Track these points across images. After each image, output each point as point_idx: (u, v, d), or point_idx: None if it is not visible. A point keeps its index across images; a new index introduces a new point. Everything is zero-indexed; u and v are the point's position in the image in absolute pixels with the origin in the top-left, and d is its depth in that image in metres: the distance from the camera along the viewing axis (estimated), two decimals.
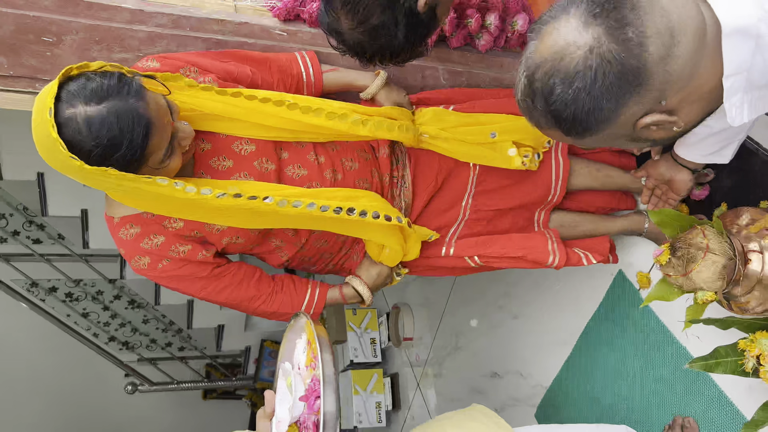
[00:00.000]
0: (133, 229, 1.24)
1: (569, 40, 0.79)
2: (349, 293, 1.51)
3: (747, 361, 1.12)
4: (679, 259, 1.26)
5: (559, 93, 0.81)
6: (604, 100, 0.80)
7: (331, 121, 1.31)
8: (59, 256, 3.98)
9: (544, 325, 2.17)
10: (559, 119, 0.84)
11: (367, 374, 3.23)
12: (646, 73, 0.79)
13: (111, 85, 1.03)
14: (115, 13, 1.30)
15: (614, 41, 0.77)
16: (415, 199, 1.53)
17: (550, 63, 0.81)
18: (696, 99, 0.84)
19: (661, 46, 0.78)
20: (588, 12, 0.79)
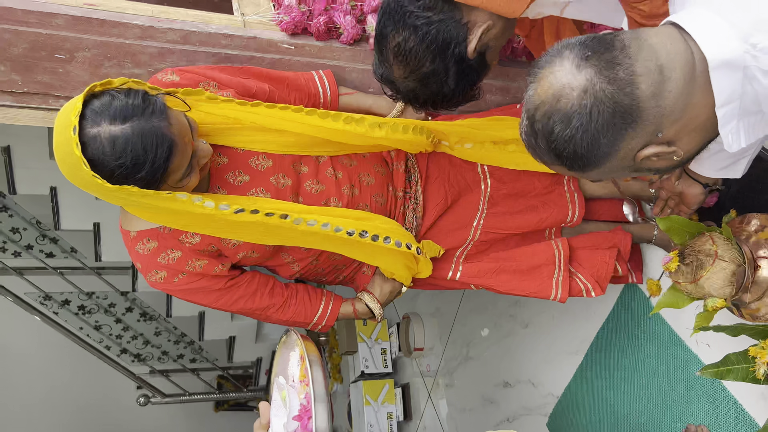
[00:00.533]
0: (150, 243, 1.25)
1: (564, 82, 0.84)
2: (361, 309, 1.52)
3: (758, 367, 1.12)
4: (688, 266, 1.25)
5: (558, 132, 0.86)
6: (601, 137, 0.85)
7: (349, 125, 1.33)
8: (72, 269, 4.03)
9: (555, 334, 2.17)
10: (560, 156, 0.89)
11: (379, 385, 3.23)
12: (639, 110, 0.83)
13: (136, 104, 1.04)
14: (126, 30, 1.32)
15: (606, 81, 0.82)
16: (424, 216, 1.54)
17: (548, 104, 0.86)
18: (693, 129, 0.88)
19: (651, 83, 0.82)
20: (580, 55, 0.84)
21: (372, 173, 1.46)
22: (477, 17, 1.11)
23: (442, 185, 1.56)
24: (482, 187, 1.59)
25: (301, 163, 1.36)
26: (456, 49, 1.13)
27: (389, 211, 1.49)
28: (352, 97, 1.51)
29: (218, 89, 1.29)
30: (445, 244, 1.57)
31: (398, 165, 1.52)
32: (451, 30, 1.10)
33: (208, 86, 1.29)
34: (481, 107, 1.65)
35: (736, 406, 1.46)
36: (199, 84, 1.28)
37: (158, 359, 4.85)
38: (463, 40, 1.13)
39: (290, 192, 1.33)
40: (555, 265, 1.56)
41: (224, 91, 1.29)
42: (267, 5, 1.53)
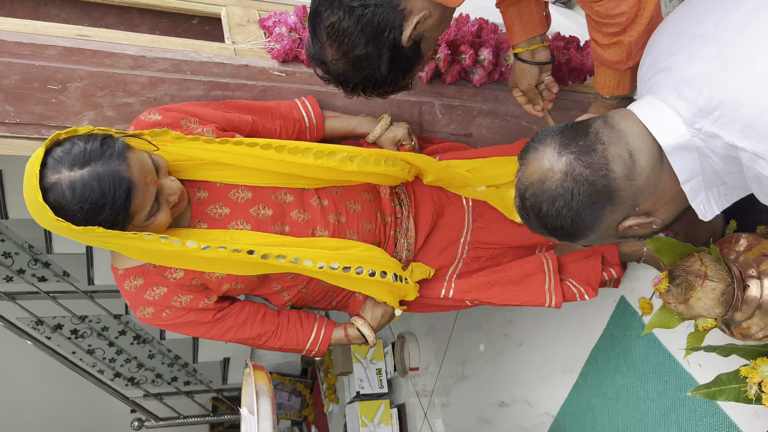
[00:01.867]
0: (136, 280, 1.27)
1: (547, 166, 0.95)
2: (354, 334, 1.53)
3: (749, 388, 1.12)
4: (678, 287, 1.26)
5: (546, 210, 0.97)
6: (583, 213, 0.95)
7: (319, 159, 1.33)
8: (64, 293, 4.00)
9: (550, 353, 2.17)
10: (550, 229, 1.00)
11: (374, 405, 3.21)
12: (614, 190, 0.93)
13: (93, 149, 1.08)
14: (118, 60, 1.33)
15: (583, 166, 0.93)
16: (416, 240, 1.55)
17: (535, 186, 0.97)
18: (668, 200, 0.98)
19: (623, 166, 0.92)
20: (560, 142, 0.95)
21: (359, 201, 1.46)
22: (414, 5, 1.10)
23: (427, 205, 1.57)
24: (464, 202, 1.60)
25: (286, 192, 1.36)
26: (390, 35, 1.11)
27: (378, 238, 1.49)
28: (337, 120, 1.52)
29: (200, 125, 1.31)
30: (435, 263, 1.58)
31: (384, 190, 1.53)
32: (387, 15, 1.08)
33: (190, 123, 1.30)
34: (471, 131, 1.67)
35: (730, 424, 1.47)
36: (181, 121, 1.30)
37: (152, 382, 4.81)
38: (398, 26, 1.11)
39: (271, 222, 1.33)
40: (544, 273, 1.58)
41: (206, 126, 1.31)
42: (258, 33, 1.55)
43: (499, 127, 1.67)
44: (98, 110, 1.37)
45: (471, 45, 1.54)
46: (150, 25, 1.74)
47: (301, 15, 1.47)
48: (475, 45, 1.55)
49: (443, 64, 1.52)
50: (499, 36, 1.58)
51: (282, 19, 1.46)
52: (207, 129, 1.31)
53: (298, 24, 1.45)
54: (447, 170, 1.50)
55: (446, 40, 1.51)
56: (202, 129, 1.30)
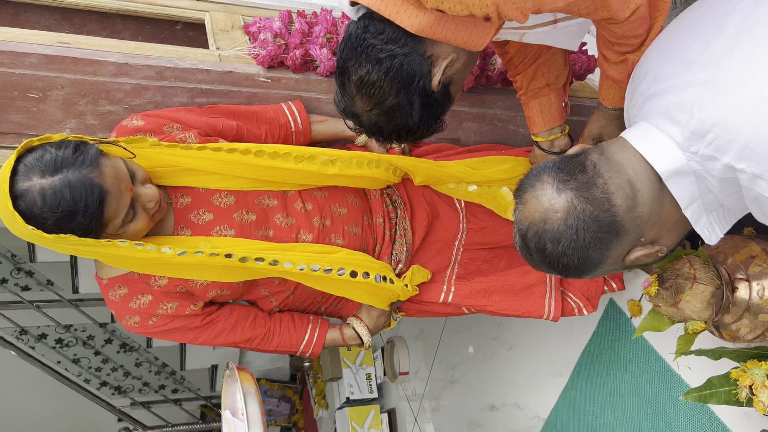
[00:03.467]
0: (120, 290, 1.25)
1: (547, 205, 0.92)
2: (350, 334, 1.52)
3: (740, 390, 1.12)
4: (667, 290, 1.27)
5: (550, 250, 0.94)
6: (590, 251, 0.93)
7: (300, 163, 1.32)
8: (48, 302, 3.94)
9: (539, 356, 2.17)
10: (555, 268, 0.97)
11: (364, 411, 3.20)
12: (619, 223, 0.91)
13: (65, 156, 1.06)
14: (101, 68, 1.31)
15: (586, 202, 0.90)
16: (414, 241, 1.54)
17: (536, 226, 0.94)
18: (671, 227, 0.97)
19: (625, 198, 0.90)
20: (558, 179, 0.92)
21: (344, 204, 1.45)
22: (441, 50, 1.10)
23: (421, 206, 1.57)
24: (457, 204, 1.59)
25: (269, 197, 1.35)
26: (420, 83, 1.11)
27: (365, 241, 1.48)
28: (324, 125, 1.51)
29: (182, 130, 1.29)
30: (431, 266, 1.57)
31: (374, 193, 1.52)
32: (415, 63, 1.09)
33: (172, 129, 1.29)
34: (459, 135, 1.66)
35: (721, 426, 1.47)
36: (163, 127, 1.28)
37: (139, 391, 4.76)
38: (427, 73, 1.11)
39: (255, 227, 1.32)
40: (546, 285, 1.57)
41: (188, 132, 1.29)
42: (242, 39, 1.54)
43: (486, 131, 1.67)
44: (80, 118, 1.35)
45: None
46: (133, 31, 1.72)
47: (285, 20, 1.46)
48: None
49: None
50: None
51: (267, 24, 1.45)
52: (189, 135, 1.29)
53: (283, 29, 1.43)
54: (436, 170, 1.49)
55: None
56: (184, 135, 1.29)
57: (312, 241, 1.37)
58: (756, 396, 1.09)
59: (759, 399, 1.08)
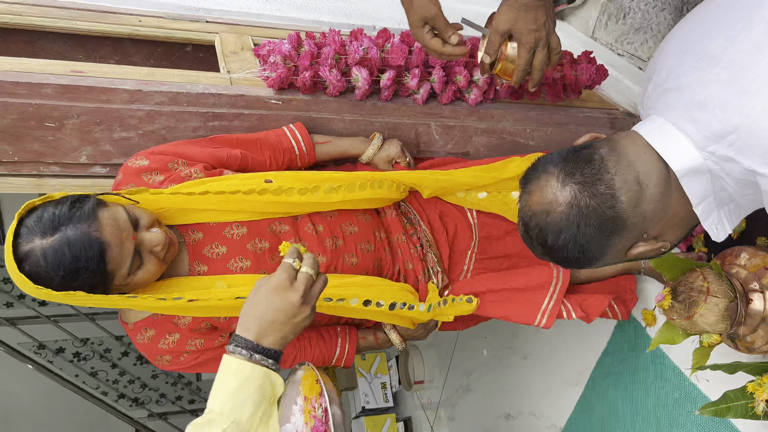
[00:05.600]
0: (148, 332, 1.26)
1: (550, 198, 0.92)
2: (383, 338, 1.55)
3: (757, 404, 1.12)
4: (681, 303, 1.27)
5: (551, 241, 0.93)
6: (590, 245, 0.92)
7: (304, 196, 1.33)
8: (65, 316, 3.99)
9: (554, 365, 2.17)
10: (556, 259, 0.98)
11: (380, 420, 3.21)
12: (622, 219, 0.90)
13: (62, 213, 1.07)
14: (115, 95, 1.33)
15: (589, 196, 0.89)
16: (441, 253, 1.55)
17: (538, 217, 0.93)
18: (676, 223, 0.95)
19: (631, 195, 0.89)
20: (564, 171, 0.91)
21: (355, 222, 1.45)
22: None
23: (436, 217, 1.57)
24: (468, 214, 1.60)
25: (280, 222, 1.36)
26: None
27: (379, 256, 1.48)
28: (329, 145, 1.51)
29: (187, 165, 1.30)
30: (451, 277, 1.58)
31: (389, 211, 1.53)
32: None
33: (177, 165, 1.30)
34: (468, 149, 1.67)
35: None
36: (168, 164, 1.29)
37: (156, 402, 4.80)
38: None
39: (269, 254, 1.32)
40: (548, 292, 1.54)
41: (193, 167, 1.30)
42: (252, 60, 1.56)
43: (495, 145, 1.67)
44: (96, 146, 1.37)
45: (465, 66, 1.55)
46: (144, 54, 1.75)
47: (294, 42, 1.47)
48: (469, 65, 1.56)
49: (438, 86, 1.53)
50: None
51: (276, 47, 1.46)
52: (195, 170, 1.30)
53: (292, 51, 1.45)
54: (444, 180, 1.49)
55: (441, 62, 1.51)
56: (189, 170, 1.29)
57: (326, 262, 1.38)
58: None
59: None
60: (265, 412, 0.92)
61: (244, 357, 0.92)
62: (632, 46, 2.17)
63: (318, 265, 1.00)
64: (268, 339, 0.94)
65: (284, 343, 0.95)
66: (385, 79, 1.47)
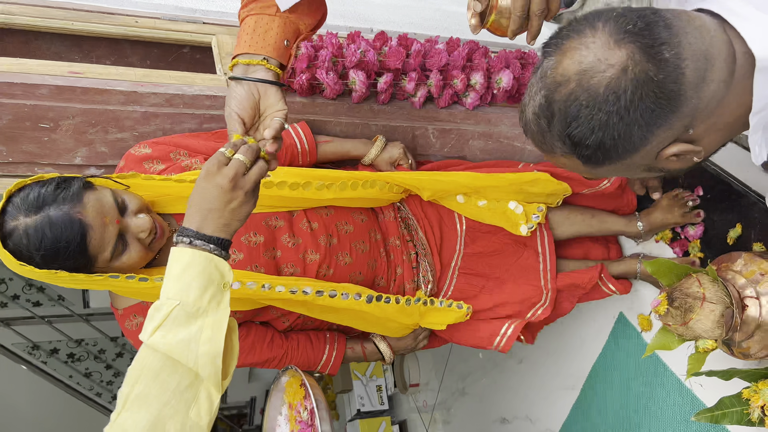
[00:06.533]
0: (136, 319, 1.26)
1: (599, 56, 0.72)
2: (371, 349, 1.53)
3: (752, 411, 1.12)
4: (677, 309, 1.26)
5: (585, 117, 0.74)
6: (636, 127, 0.73)
7: (295, 191, 1.33)
8: (60, 317, 3.98)
9: (550, 369, 2.16)
10: (579, 145, 0.77)
11: (375, 423, 3.20)
12: (681, 99, 0.72)
13: (47, 193, 1.08)
14: (110, 96, 1.33)
15: (651, 61, 0.70)
16: (435, 263, 1.54)
17: (575, 82, 0.73)
18: (719, 128, 0.79)
19: (695, 69, 0.72)
20: (619, 28, 0.72)
21: (350, 221, 1.45)
22: None
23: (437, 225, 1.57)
24: (458, 226, 1.59)
25: (276, 218, 1.36)
26: None
27: (374, 257, 1.48)
28: (330, 145, 1.52)
29: (189, 156, 1.31)
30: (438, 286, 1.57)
31: (387, 213, 1.53)
32: None
33: (179, 155, 1.31)
34: (465, 153, 1.67)
35: None
36: (170, 154, 1.30)
37: None
38: None
39: (263, 249, 1.32)
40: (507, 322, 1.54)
41: (195, 157, 1.31)
42: None
43: (492, 148, 1.67)
44: (91, 147, 1.36)
45: (463, 69, 1.55)
46: (141, 55, 1.74)
47: None
48: (466, 69, 1.56)
49: (436, 89, 1.52)
50: (490, 59, 1.58)
51: None
52: (195, 161, 1.31)
53: None
54: (442, 182, 1.48)
55: (438, 65, 1.51)
56: (190, 161, 1.30)
57: (319, 260, 1.37)
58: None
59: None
60: (213, 296, 0.89)
61: (184, 244, 0.90)
62: None
63: (257, 155, 0.96)
64: (209, 227, 0.91)
65: (228, 231, 0.94)
66: (382, 83, 1.47)
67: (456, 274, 1.57)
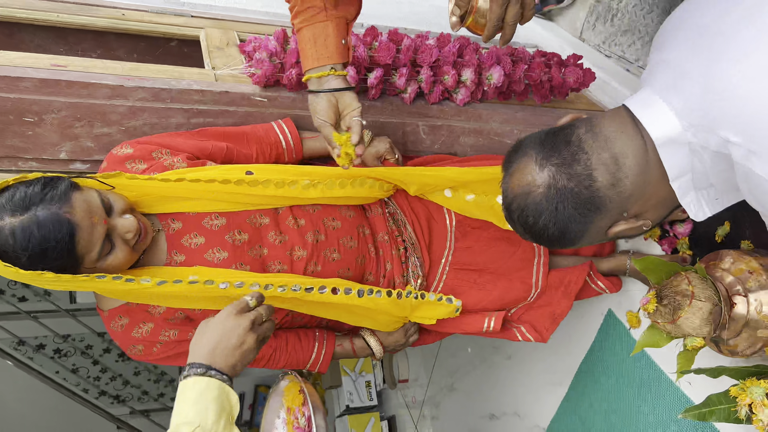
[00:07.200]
0: (121, 320, 1.25)
1: (529, 180, 0.94)
2: (360, 345, 1.52)
3: (740, 408, 1.13)
4: (666, 307, 1.27)
5: (532, 222, 0.97)
6: (570, 224, 0.94)
7: (280, 189, 1.32)
8: (46, 312, 3.94)
9: (539, 365, 2.17)
10: (539, 239, 1.00)
11: (364, 419, 3.20)
12: (599, 199, 0.92)
13: (34, 193, 1.06)
14: (96, 90, 1.30)
15: (567, 177, 0.91)
16: (424, 258, 1.53)
17: (519, 198, 0.96)
18: (657, 202, 0.96)
19: (607, 173, 0.90)
20: (542, 154, 0.93)
21: (338, 217, 1.44)
22: None
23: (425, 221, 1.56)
24: (447, 221, 1.58)
25: (261, 215, 1.35)
26: None
27: (362, 253, 1.47)
28: (317, 141, 1.50)
29: (171, 155, 1.29)
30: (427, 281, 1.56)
31: (374, 209, 1.52)
32: None
33: (161, 154, 1.29)
34: (456, 150, 1.66)
35: None
36: (152, 153, 1.29)
37: (138, 399, 4.75)
38: None
39: (248, 247, 1.31)
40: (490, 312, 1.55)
41: (176, 156, 1.29)
42: (238, 57, 1.53)
43: (483, 145, 1.67)
44: (76, 141, 1.34)
45: (453, 65, 1.54)
46: (127, 48, 1.72)
47: (281, 39, 1.45)
48: (457, 65, 1.55)
49: (426, 85, 1.51)
50: (481, 56, 1.57)
51: (262, 44, 1.44)
52: (178, 159, 1.29)
53: (278, 48, 1.43)
54: (429, 176, 1.47)
55: (429, 61, 1.50)
56: (172, 160, 1.29)
57: (306, 257, 1.36)
58: (755, 414, 1.09)
59: (758, 417, 1.09)
60: (227, 424, 0.92)
61: (198, 375, 0.95)
62: (620, 47, 2.17)
63: (271, 314, 1.08)
64: (219, 363, 0.97)
65: (234, 372, 0.98)
66: (372, 78, 1.46)
67: (447, 269, 1.56)
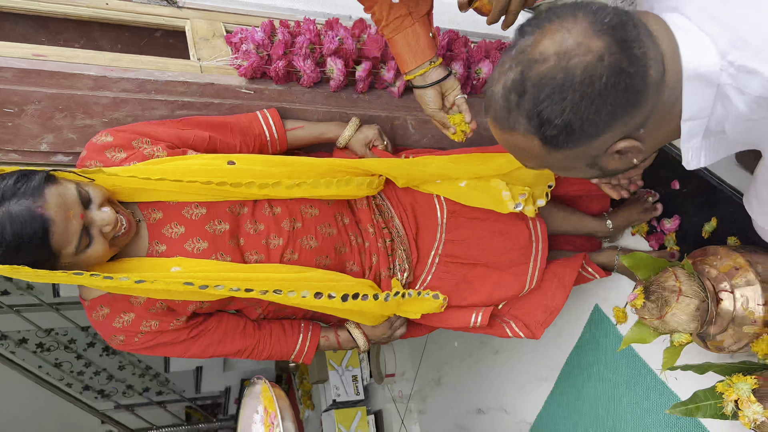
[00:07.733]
0: (103, 310, 1.24)
1: (579, 41, 0.74)
2: (345, 337, 1.51)
3: (726, 404, 1.13)
4: (653, 303, 1.27)
5: (558, 96, 0.75)
6: (603, 113, 0.76)
7: (264, 190, 1.30)
8: (29, 306, 3.89)
9: (526, 360, 2.17)
10: (546, 123, 0.78)
11: (351, 413, 3.19)
12: (645, 95, 0.76)
13: (7, 187, 1.05)
14: (78, 81, 1.28)
15: (624, 54, 0.74)
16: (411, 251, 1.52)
17: (553, 62, 0.75)
18: (663, 131, 0.83)
19: (657, 71, 0.76)
20: (599, 20, 0.75)
21: (315, 205, 1.42)
22: None
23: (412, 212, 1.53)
24: (438, 213, 1.54)
25: (240, 205, 1.33)
26: None
27: (342, 240, 1.44)
28: (302, 130, 1.48)
29: (151, 144, 1.27)
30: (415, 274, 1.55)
31: (360, 201, 1.49)
32: None
33: (141, 143, 1.27)
34: (445, 144, 1.65)
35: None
36: (132, 142, 1.27)
37: (123, 394, 4.72)
38: None
39: (229, 236, 1.30)
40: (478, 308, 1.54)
41: (156, 145, 1.27)
42: (224, 48, 1.51)
43: (472, 140, 1.64)
44: (58, 133, 1.31)
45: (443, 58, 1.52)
46: (111, 38, 1.68)
47: (268, 31, 1.43)
48: (446, 58, 1.53)
49: None
50: (470, 49, 1.56)
51: (249, 35, 1.42)
52: (158, 148, 1.27)
53: (265, 40, 1.41)
54: (417, 168, 1.44)
55: None
56: (152, 149, 1.27)
57: (283, 245, 1.34)
58: (741, 410, 1.10)
59: (744, 413, 1.09)
60: None
61: None
62: None
63: None
64: None
65: None
66: (361, 71, 1.44)
67: (436, 262, 1.54)
